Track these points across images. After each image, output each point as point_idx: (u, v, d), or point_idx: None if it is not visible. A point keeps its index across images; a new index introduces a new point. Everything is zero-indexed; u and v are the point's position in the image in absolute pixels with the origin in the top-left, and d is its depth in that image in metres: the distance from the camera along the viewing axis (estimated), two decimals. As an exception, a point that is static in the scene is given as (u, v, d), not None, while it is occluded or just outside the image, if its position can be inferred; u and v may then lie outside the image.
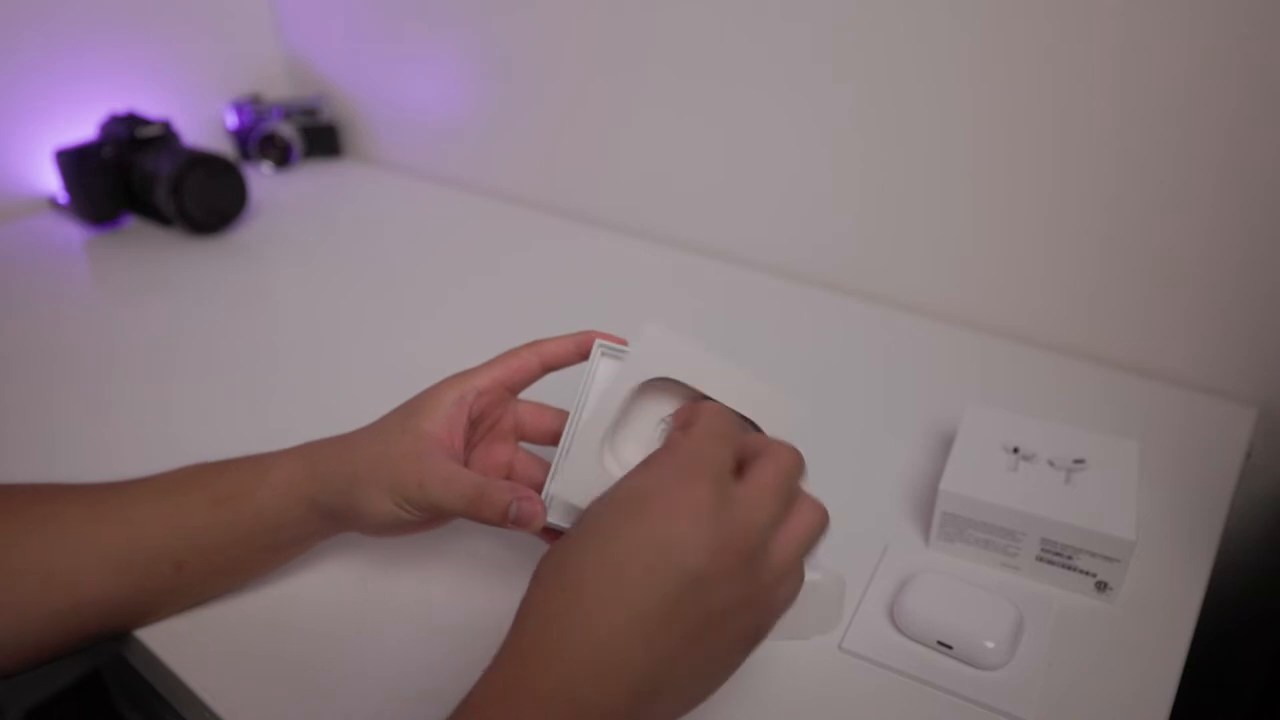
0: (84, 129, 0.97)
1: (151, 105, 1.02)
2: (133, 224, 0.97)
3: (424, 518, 0.43)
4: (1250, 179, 0.58)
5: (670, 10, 0.79)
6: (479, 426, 0.47)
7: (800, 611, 0.44)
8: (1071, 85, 0.62)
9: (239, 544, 0.44)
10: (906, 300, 0.76)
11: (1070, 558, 0.46)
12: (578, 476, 0.41)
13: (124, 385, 0.68)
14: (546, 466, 0.44)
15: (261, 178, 1.08)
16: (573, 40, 0.87)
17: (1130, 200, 0.63)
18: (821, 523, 0.35)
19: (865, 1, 0.68)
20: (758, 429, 0.41)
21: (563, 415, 0.45)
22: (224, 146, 1.11)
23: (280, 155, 1.10)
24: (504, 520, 0.40)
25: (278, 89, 1.17)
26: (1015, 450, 0.51)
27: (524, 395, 0.48)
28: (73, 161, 0.91)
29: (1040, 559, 0.47)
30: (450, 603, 0.47)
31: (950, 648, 0.43)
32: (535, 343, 0.47)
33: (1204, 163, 0.59)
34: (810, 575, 0.44)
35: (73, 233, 0.95)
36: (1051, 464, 0.50)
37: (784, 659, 0.44)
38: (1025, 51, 0.63)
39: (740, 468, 0.35)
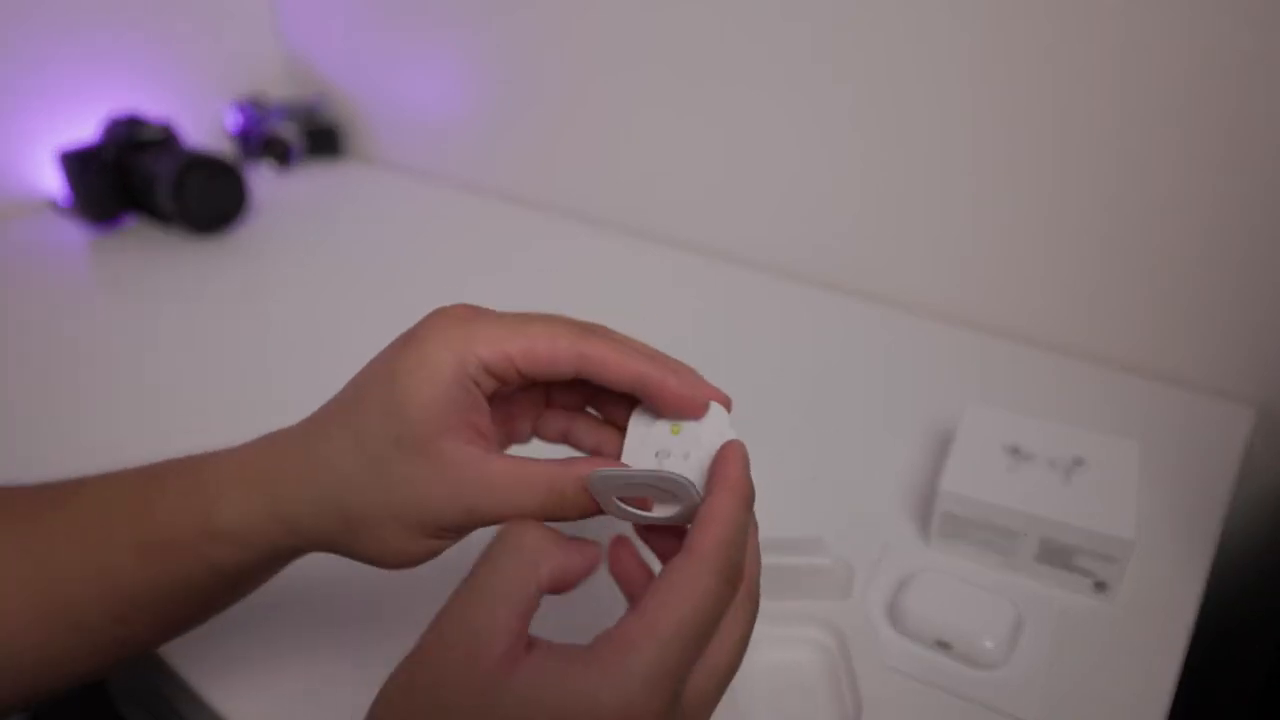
0: (84, 130, 0.98)
1: (152, 105, 1.02)
2: (134, 224, 0.97)
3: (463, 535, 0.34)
4: (1250, 179, 0.58)
5: (670, 10, 0.79)
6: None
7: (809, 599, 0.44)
8: (1071, 85, 0.62)
9: (187, 598, 0.35)
10: (906, 300, 0.76)
11: (1069, 557, 0.47)
12: None
13: (125, 385, 0.69)
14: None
15: (262, 178, 1.08)
16: (573, 40, 0.87)
17: (1130, 200, 0.63)
18: (736, 665, 0.30)
19: (865, 1, 0.68)
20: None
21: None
22: (225, 147, 1.12)
23: (281, 156, 1.10)
24: (597, 509, 0.32)
25: (278, 89, 1.17)
26: (1015, 450, 0.51)
27: None
28: (76, 163, 0.91)
29: (1039, 559, 0.47)
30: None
31: (949, 647, 0.43)
32: (584, 333, 0.33)
33: (1204, 163, 0.59)
34: (819, 561, 0.44)
35: (74, 233, 0.95)
36: (1051, 464, 0.50)
37: (783, 659, 0.44)
38: (1025, 51, 0.63)
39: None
